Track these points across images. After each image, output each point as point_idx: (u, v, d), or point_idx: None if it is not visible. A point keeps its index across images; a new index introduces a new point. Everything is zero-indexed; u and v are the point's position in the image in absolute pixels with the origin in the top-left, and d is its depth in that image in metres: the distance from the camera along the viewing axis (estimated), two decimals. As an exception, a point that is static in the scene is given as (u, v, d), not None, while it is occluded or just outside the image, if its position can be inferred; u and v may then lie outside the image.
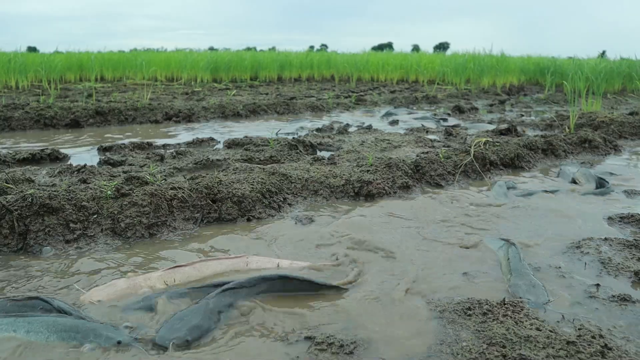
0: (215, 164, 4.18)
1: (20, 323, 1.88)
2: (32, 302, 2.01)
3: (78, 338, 1.82)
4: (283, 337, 1.86)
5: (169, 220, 2.94)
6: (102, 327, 1.86)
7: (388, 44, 57.89)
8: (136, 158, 4.56)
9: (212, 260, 2.40)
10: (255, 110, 8.33)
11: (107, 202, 2.90)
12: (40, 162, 4.73)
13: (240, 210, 3.12)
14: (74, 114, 6.95)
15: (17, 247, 2.63)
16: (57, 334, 1.83)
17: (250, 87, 13.57)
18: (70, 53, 18.38)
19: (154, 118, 7.38)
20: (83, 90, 11.78)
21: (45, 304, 1.99)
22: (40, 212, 2.70)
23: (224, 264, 2.39)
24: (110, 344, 1.79)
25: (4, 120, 6.63)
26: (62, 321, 1.87)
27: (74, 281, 2.29)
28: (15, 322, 1.88)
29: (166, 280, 2.25)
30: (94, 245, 2.71)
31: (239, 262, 2.41)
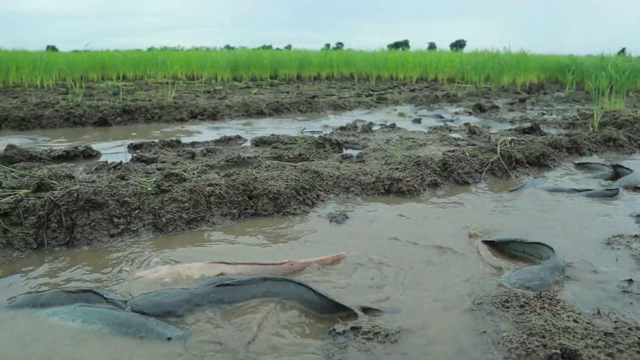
0: (247, 162, 4.27)
1: (78, 313, 1.98)
2: (85, 295, 2.10)
3: (129, 332, 1.90)
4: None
5: (207, 215, 3.04)
6: (153, 322, 1.93)
7: (404, 42, 57.72)
8: (167, 155, 4.67)
9: (254, 265, 2.44)
10: (278, 108, 8.42)
11: (148, 198, 3.00)
12: (74, 159, 4.86)
13: (276, 206, 3.20)
14: (101, 112, 7.10)
15: (64, 241, 2.74)
16: (110, 326, 1.92)
17: (271, 86, 13.68)
18: (93, 52, 18.64)
19: (179, 116, 7.50)
20: (106, 89, 11.97)
21: (98, 297, 2.09)
22: (85, 207, 2.81)
23: (268, 270, 2.41)
24: (160, 340, 1.85)
25: (35, 118, 6.79)
26: (117, 314, 1.96)
27: (120, 275, 2.39)
28: (74, 312, 1.98)
29: (204, 273, 2.33)
30: (137, 239, 2.81)
31: (282, 268, 2.45)
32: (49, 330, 1.90)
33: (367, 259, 2.57)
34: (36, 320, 1.96)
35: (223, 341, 1.84)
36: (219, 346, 1.82)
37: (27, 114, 6.81)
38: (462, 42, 70.03)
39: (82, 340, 1.85)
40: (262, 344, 1.83)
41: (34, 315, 2.00)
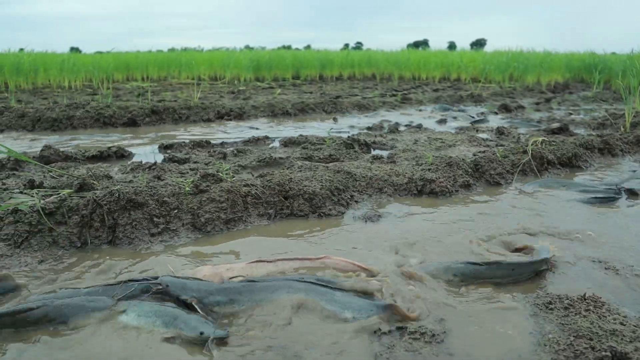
0: (278, 162, 4.31)
1: (133, 306, 2.03)
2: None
3: (174, 324, 1.94)
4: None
5: (244, 215, 3.07)
6: (195, 318, 1.96)
7: (424, 41, 57.39)
8: (199, 156, 4.73)
9: (292, 260, 2.48)
10: (303, 109, 8.46)
11: (186, 198, 3.05)
12: (107, 159, 4.94)
13: (312, 206, 3.23)
14: (130, 113, 7.20)
15: (107, 240, 2.79)
16: (161, 318, 1.96)
17: (293, 86, 13.73)
18: (117, 53, 18.89)
19: (206, 117, 7.57)
20: (132, 90, 12.12)
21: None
22: (127, 207, 2.86)
23: (305, 264, 2.46)
24: (193, 334, 1.88)
25: (67, 119, 6.91)
26: (167, 308, 2.01)
27: (163, 270, 2.43)
28: (130, 305, 2.03)
29: (247, 273, 2.37)
30: (177, 238, 2.85)
31: (317, 263, 2.48)
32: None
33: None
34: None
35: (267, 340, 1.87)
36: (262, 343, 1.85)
37: (59, 115, 6.93)
38: (482, 41, 69.40)
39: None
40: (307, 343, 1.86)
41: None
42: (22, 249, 2.66)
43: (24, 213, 2.77)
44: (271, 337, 1.88)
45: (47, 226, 2.75)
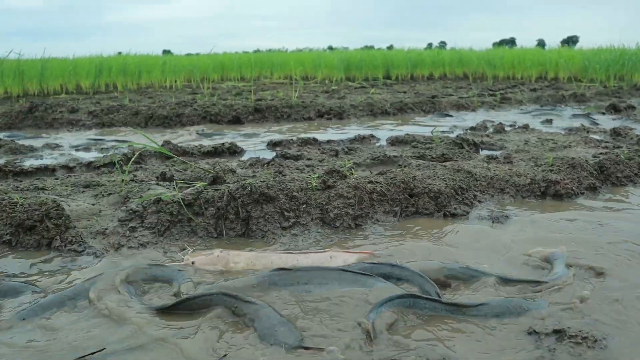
0: (392, 160, 4.30)
1: None
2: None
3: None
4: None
5: (370, 212, 3.09)
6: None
7: (510, 40, 55.38)
8: (311, 153, 4.81)
9: (298, 254, 2.51)
10: (402, 108, 8.40)
11: (314, 193, 3.10)
12: (221, 154, 5.13)
13: (437, 205, 3.19)
14: (235, 111, 7.44)
15: (241, 232, 2.90)
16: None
17: (385, 86, 13.67)
18: (213, 55, 19.57)
19: (307, 115, 7.69)
20: (229, 89, 12.52)
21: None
22: (259, 200, 2.95)
23: (310, 258, 2.47)
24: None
25: (176, 116, 7.24)
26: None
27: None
28: None
29: (252, 262, 2.44)
30: (308, 232, 2.91)
31: (324, 256, 2.49)
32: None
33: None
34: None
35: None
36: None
37: (170, 113, 7.27)
38: (574, 38, 66.02)
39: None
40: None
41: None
42: (165, 238, 2.81)
43: (165, 203, 2.92)
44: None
45: (186, 216, 2.88)
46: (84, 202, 3.24)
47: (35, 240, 2.79)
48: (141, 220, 2.87)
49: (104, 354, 1.76)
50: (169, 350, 1.79)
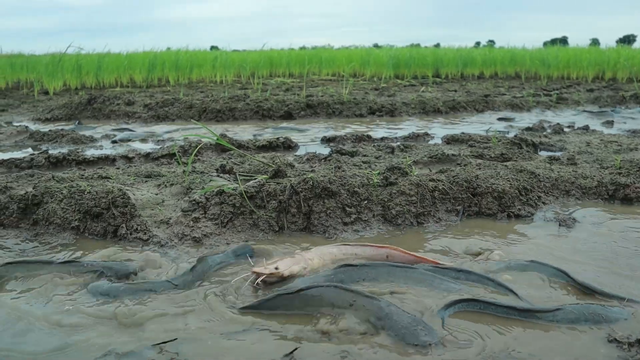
0: (450, 159, 4.22)
1: None
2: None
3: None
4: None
5: (432, 210, 3.03)
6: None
7: (562, 39, 53.74)
8: (366, 149, 4.77)
9: (355, 247, 2.48)
10: (454, 107, 8.27)
11: (376, 189, 3.07)
12: (275, 149, 5.15)
13: (500, 205, 3.12)
14: (287, 106, 7.47)
15: (302, 226, 2.89)
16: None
17: (435, 84, 13.49)
18: (261, 51, 19.74)
19: (358, 112, 7.65)
20: (278, 85, 12.59)
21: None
22: (321, 195, 2.94)
23: (367, 252, 2.45)
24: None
25: (229, 110, 7.33)
26: None
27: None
28: None
29: (322, 258, 2.39)
30: (369, 229, 2.88)
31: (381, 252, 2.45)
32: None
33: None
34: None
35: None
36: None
37: (223, 107, 7.36)
38: (631, 37, 63.44)
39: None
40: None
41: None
42: (228, 229, 2.83)
43: (227, 195, 2.94)
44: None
45: (248, 209, 2.90)
46: (147, 192, 3.30)
47: (102, 227, 2.86)
48: (204, 211, 2.90)
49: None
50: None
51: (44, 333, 1.87)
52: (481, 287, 2.18)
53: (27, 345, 1.80)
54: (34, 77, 12.37)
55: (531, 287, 2.21)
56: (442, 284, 2.19)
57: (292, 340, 1.79)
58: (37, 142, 6.01)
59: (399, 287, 2.16)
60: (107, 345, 1.78)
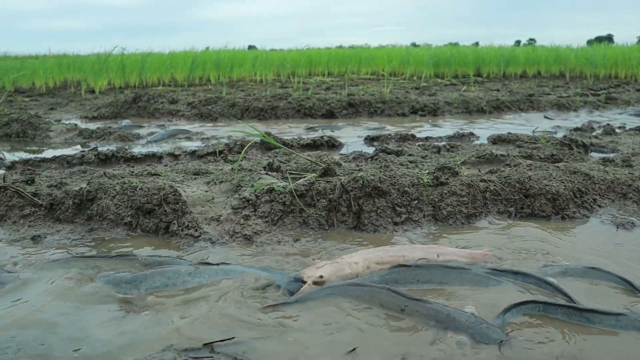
0: (499, 159, 4.14)
1: None
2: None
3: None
4: None
5: (484, 211, 2.98)
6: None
7: (607, 37, 52.17)
8: (412, 148, 4.73)
9: (403, 249, 2.42)
10: (498, 106, 8.12)
11: (426, 189, 3.04)
12: (319, 147, 5.15)
13: (554, 207, 3.04)
14: (329, 105, 7.46)
15: (352, 225, 2.88)
16: None
17: (476, 83, 13.28)
18: (300, 50, 19.81)
19: (400, 111, 7.60)
20: (318, 84, 12.60)
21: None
22: (372, 194, 2.92)
23: (416, 254, 2.39)
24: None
25: (271, 109, 7.37)
26: None
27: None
28: None
29: (367, 261, 2.31)
30: (420, 229, 2.85)
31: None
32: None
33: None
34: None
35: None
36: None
37: (265, 105, 7.41)
38: (680, 34, 61.24)
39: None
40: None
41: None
42: (278, 227, 2.84)
43: (277, 193, 2.95)
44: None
45: (298, 207, 2.90)
46: (197, 189, 3.34)
47: (154, 223, 2.90)
48: (254, 208, 2.92)
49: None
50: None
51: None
52: (538, 290, 2.13)
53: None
54: (81, 77, 12.69)
55: (590, 293, 2.14)
56: (501, 284, 2.14)
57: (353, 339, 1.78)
58: (86, 140, 6.16)
59: (453, 288, 2.13)
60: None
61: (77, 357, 1.73)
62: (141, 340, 1.81)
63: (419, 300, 1.93)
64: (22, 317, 1.96)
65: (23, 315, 1.97)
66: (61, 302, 2.08)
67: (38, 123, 6.57)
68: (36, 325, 1.90)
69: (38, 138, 6.28)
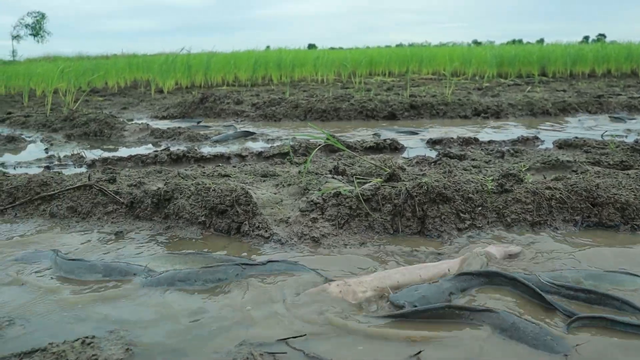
0: (565, 165, 4.10)
1: None
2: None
3: None
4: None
5: (549, 219, 2.99)
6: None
7: (688, 32, 49.16)
8: (475, 153, 4.73)
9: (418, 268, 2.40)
10: (564, 108, 7.94)
11: (490, 196, 3.07)
12: (382, 150, 5.23)
13: (623, 217, 3.00)
14: (391, 107, 7.52)
15: (416, 230, 2.95)
16: None
17: (541, 83, 12.97)
18: (359, 49, 19.87)
19: (463, 113, 7.56)
20: (379, 84, 12.64)
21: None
22: (436, 200, 2.98)
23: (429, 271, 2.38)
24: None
25: (334, 110, 7.49)
26: None
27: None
28: None
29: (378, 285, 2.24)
30: (484, 235, 2.89)
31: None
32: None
33: None
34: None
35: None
36: None
37: (327, 107, 7.54)
38: None
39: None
40: None
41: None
42: (344, 230, 2.94)
43: (344, 197, 3.05)
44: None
45: (364, 211, 2.99)
46: (266, 191, 3.50)
47: (226, 223, 3.06)
48: (322, 211, 3.04)
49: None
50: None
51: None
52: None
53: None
54: (150, 77, 13.24)
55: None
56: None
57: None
58: (157, 139, 6.47)
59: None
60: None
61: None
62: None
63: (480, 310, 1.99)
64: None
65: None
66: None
67: (114, 123, 6.94)
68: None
69: (114, 137, 6.65)
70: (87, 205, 3.42)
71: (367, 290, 2.18)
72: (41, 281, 2.45)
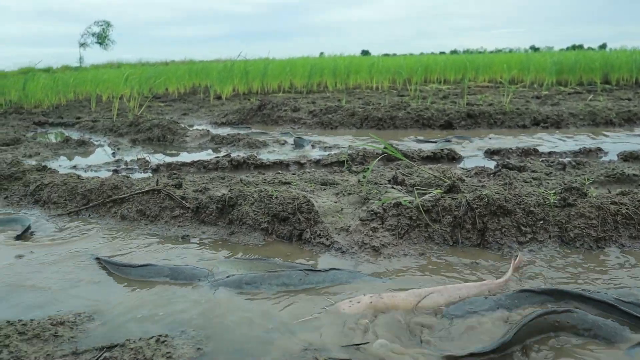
0: (631, 179, 4.01)
1: None
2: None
3: None
4: None
5: (614, 235, 2.94)
6: None
7: None
8: (534, 164, 4.68)
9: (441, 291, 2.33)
10: (629, 118, 7.69)
11: (552, 210, 3.05)
12: (439, 160, 5.23)
13: (693, 234, 2.93)
14: (447, 116, 7.48)
15: (476, 242, 2.96)
16: None
17: (604, 91, 12.57)
18: (413, 55, 19.77)
19: (521, 123, 7.44)
20: (435, 92, 12.56)
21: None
22: (497, 213, 2.99)
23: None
24: None
25: (390, 119, 7.52)
26: None
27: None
28: None
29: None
30: (546, 249, 2.87)
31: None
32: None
33: None
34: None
35: None
36: None
37: (384, 115, 7.58)
38: None
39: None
40: None
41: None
42: (404, 240, 2.99)
43: (404, 207, 3.10)
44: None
45: (424, 222, 3.03)
46: (327, 199, 3.58)
47: (288, 230, 3.16)
48: (382, 221, 3.09)
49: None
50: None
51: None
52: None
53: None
54: (208, 83, 13.61)
55: None
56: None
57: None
58: (217, 145, 6.67)
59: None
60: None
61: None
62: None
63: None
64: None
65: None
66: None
67: (176, 128, 7.20)
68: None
69: (176, 142, 6.90)
70: (155, 209, 3.60)
71: (399, 306, 2.21)
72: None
